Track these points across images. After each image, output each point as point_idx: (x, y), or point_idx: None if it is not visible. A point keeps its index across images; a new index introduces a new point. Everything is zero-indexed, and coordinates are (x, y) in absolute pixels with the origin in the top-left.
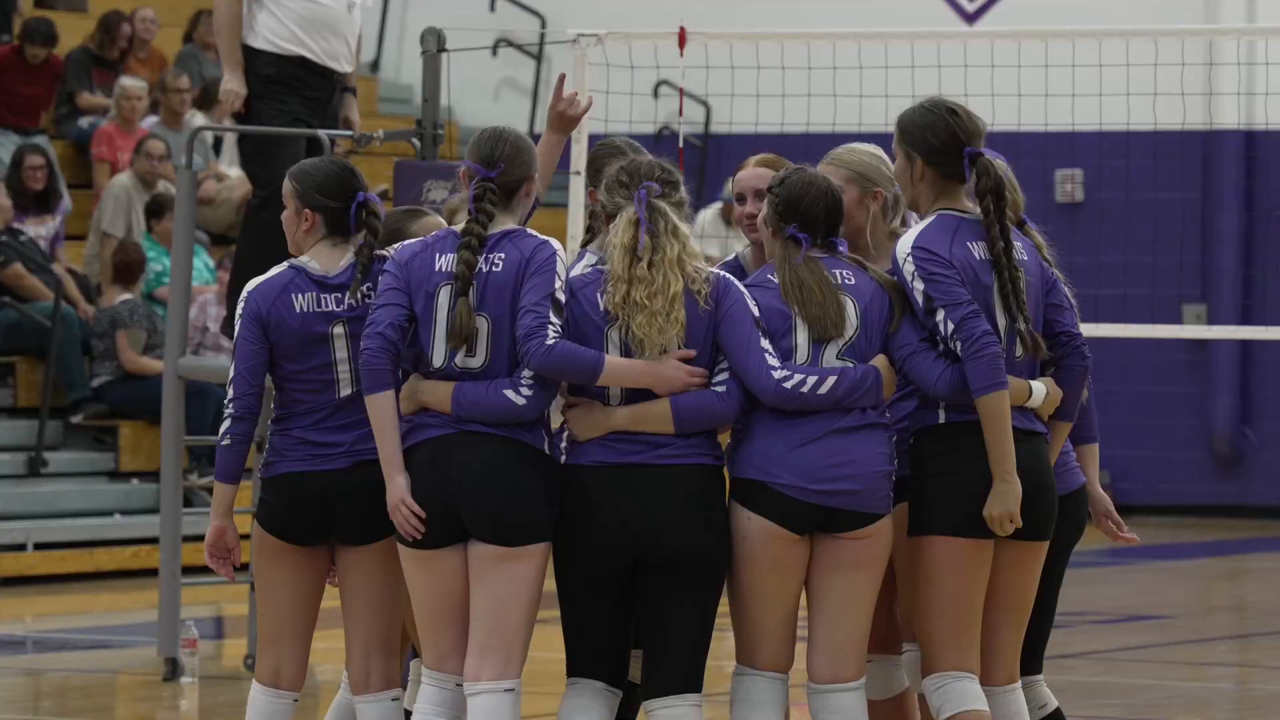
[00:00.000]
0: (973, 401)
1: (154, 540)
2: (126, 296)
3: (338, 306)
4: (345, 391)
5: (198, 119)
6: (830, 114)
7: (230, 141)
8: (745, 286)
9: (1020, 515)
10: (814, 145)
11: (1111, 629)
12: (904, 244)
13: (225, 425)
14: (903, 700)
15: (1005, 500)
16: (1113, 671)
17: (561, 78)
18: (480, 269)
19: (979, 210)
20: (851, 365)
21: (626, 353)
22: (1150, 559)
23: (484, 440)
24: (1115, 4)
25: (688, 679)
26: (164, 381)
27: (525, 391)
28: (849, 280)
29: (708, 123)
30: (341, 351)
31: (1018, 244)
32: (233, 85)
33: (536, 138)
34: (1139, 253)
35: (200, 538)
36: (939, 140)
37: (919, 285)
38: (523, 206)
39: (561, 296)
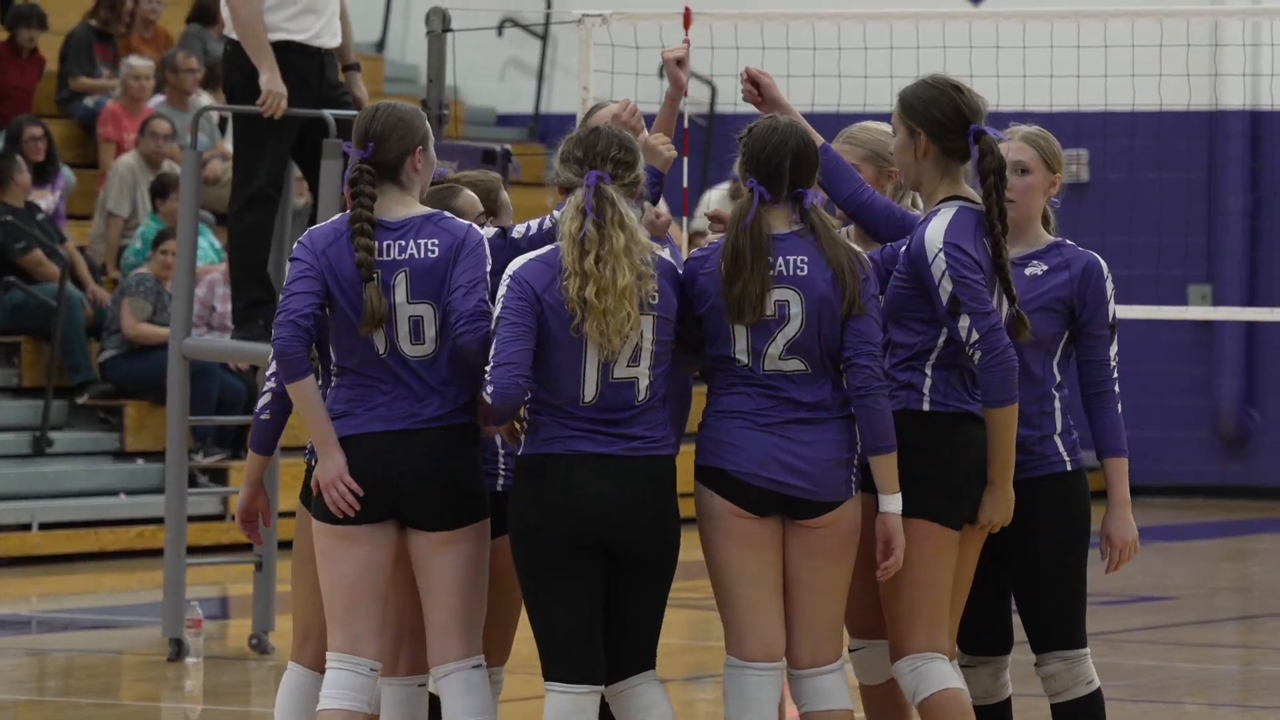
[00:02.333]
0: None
1: (159, 520)
2: (142, 271)
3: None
4: None
5: (203, 99)
6: (835, 95)
7: None
8: (693, 269)
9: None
10: (818, 126)
11: (1116, 610)
12: (934, 236)
13: (264, 400)
14: (895, 683)
15: (1005, 506)
16: (1118, 652)
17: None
18: (413, 254)
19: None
20: (805, 368)
21: (576, 353)
22: (1155, 540)
23: (422, 426)
24: None
25: (648, 658)
26: (169, 361)
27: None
28: (800, 270)
29: (713, 103)
30: None
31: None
32: (276, 86)
33: (542, 118)
34: (1144, 234)
35: (204, 518)
36: (944, 116)
37: (947, 285)
38: (418, 180)
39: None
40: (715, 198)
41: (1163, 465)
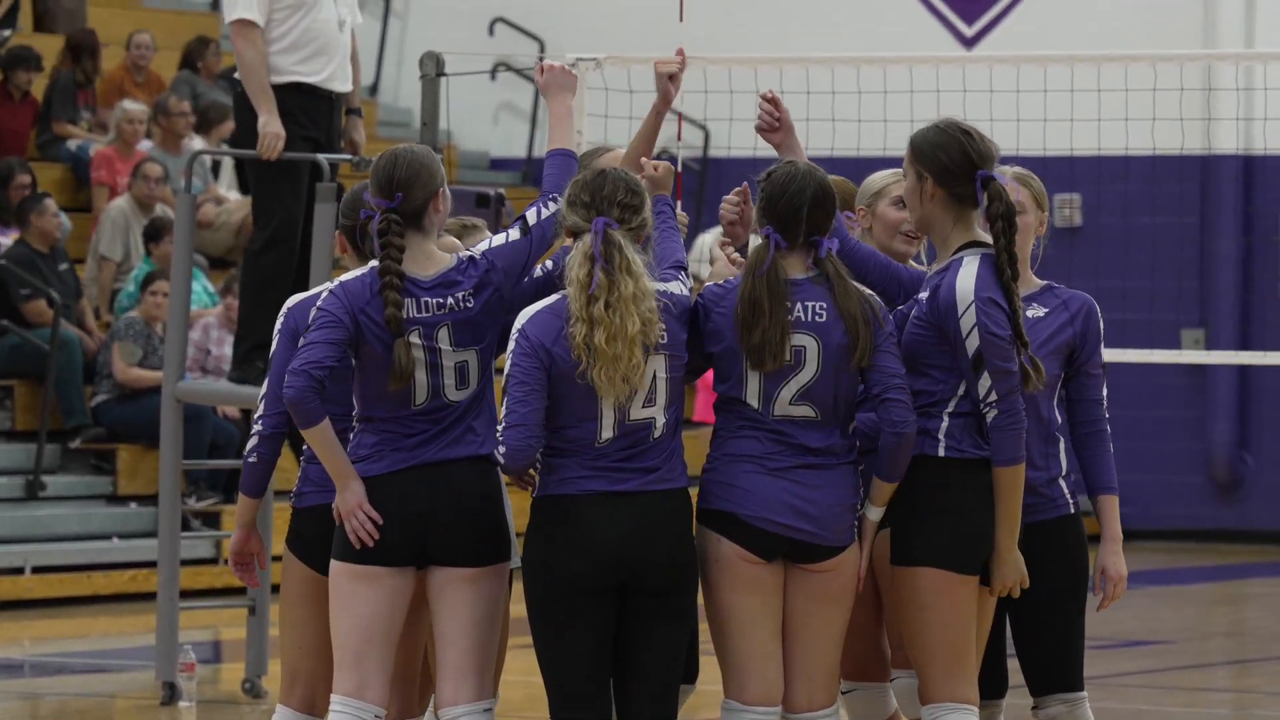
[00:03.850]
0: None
1: (152, 564)
2: (132, 315)
3: None
4: None
5: (196, 143)
6: (829, 138)
7: (228, 165)
8: (709, 304)
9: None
10: None
11: (1110, 654)
12: (966, 288)
13: (252, 443)
14: None
15: (1015, 568)
16: (1112, 697)
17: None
18: (453, 307)
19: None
20: (814, 415)
21: (592, 398)
22: (1149, 584)
23: (454, 465)
24: (1113, 29)
25: (670, 708)
26: (162, 405)
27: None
28: (819, 317)
29: (706, 147)
30: None
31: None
32: (274, 128)
33: (535, 162)
34: (1137, 277)
35: (197, 562)
36: (952, 161)
37: (975, 340)
38: (438, 222)
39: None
40: (709, 241)
41: (1156, 509)
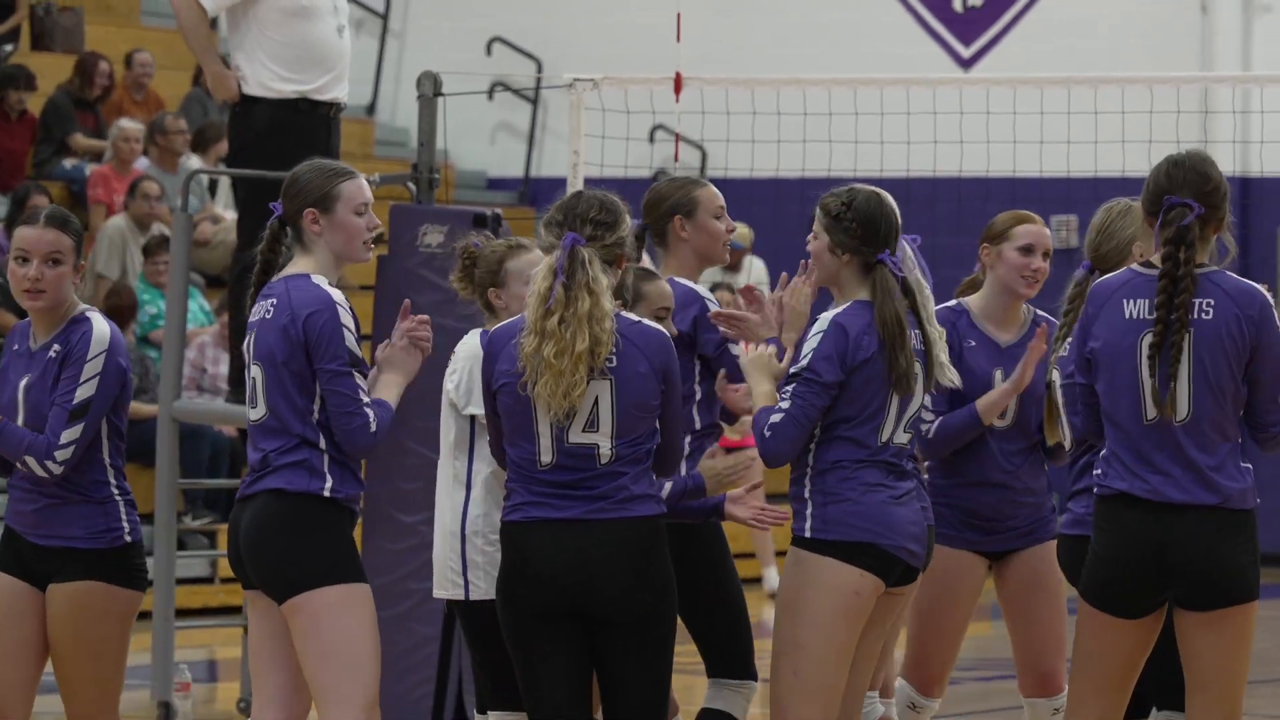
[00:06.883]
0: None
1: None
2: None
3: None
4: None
5: (193, 161)
6: (825, 159)
7: (225, 184)
8: (840, 325)
9: (1178, 584)
10: (809, 190)
11: None
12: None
13: (47, 466)
14: None
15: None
16: None
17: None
18: (264, 315)
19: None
20: (910, 439)
21: (529, 416)
22: None
23: (255, 498)
24: (1110, 51)
25: None
26: (159, 424)
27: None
28: (918, 344)
29: (703, 167)
30: None
31: (1212, 299)
32: (224, 73)
33: (532, 182)
34: None
35: (194, 580)
36: (1148, 189)
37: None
38: (320, 242)
39: (355, 348)
40: None
41: None
